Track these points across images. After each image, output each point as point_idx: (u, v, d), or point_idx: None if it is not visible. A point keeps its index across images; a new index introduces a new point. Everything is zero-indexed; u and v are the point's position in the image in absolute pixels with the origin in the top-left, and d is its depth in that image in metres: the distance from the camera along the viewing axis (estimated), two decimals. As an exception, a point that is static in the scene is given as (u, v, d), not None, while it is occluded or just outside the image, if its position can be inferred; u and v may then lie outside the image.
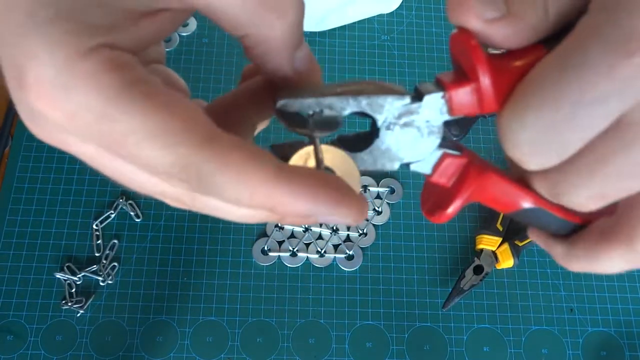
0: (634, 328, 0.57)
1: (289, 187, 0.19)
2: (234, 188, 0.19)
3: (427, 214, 0.24)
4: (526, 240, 0.58)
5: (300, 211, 0.19)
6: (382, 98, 0.21)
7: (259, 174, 0.19)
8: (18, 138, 0.61)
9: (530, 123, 0.18)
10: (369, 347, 0.55)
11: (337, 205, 0.19)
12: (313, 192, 0.19)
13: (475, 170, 0.23)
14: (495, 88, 0.20)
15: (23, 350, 0.53)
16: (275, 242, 0.58)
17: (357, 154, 0.22)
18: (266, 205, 0.19)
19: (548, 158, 0.19)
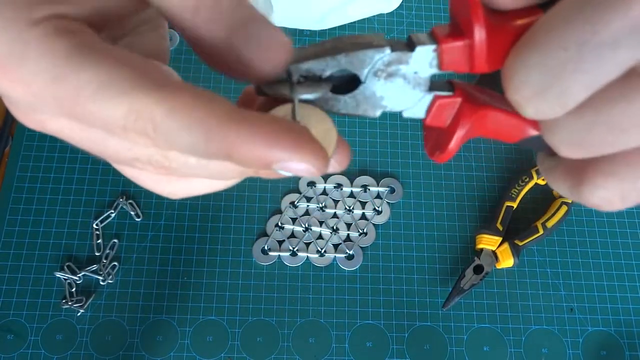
0: (634, 328, 0.57)
1: (245, 128, 0.18)
2: (188, 132, 0.18)
3: (430, 154, 0.24)
4: (526, 240, 0.58)
5: (258, 154, 0.18)
6: (362, 53, 0.21)
7: (211, 114, 0.18)
8: (18, 138, 0.61)
9: (534, 62, 0.18)
10: (369, 346, 0.55)
11: (295, 150, 0.18)
12: (270, 134, 0.18)
13: (470, 108, 0.22)
14: (488, 46, 0.19)
15: (23, 349, 0.53)
16: (275, 242, 0.58)
17: (340, 96, 0.22)
18: (223, 150, 0.18)
19: (550, 105, 0.18)
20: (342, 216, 0.60)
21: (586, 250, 0.60)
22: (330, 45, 0.21)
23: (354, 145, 0.63)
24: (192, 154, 0.19)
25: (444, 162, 0.23)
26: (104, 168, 0.60)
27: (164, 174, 0.21)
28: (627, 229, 0.61)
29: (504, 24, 0.19)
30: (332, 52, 0.21)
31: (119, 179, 0.60)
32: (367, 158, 0.63)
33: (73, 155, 0.61)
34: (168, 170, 0.21)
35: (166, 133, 0.18)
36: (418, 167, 0.62)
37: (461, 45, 0.20)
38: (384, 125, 0.64)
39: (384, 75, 0.21)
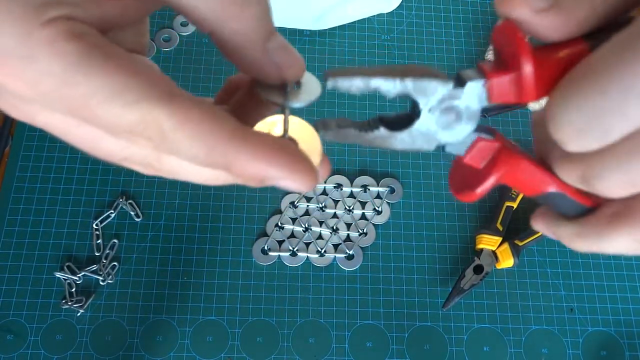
0: (634, 328, 0.57)
1: (245, 147, 0.19)
2: (193, 144, 0.19)
3: (456, 192, 0.25)
4: (526, 240, 0.58)
5: (254, 172, 0.20)
6: (427, 82, 0.22)
7: (216, 131, 0.19)
8: (18, 138, 0.61)
9: (576, 105, 0.18)
10: (369, 346, 0.55)
11: (288, 170, 0.20)
12: (268, 155, 0.20)
13: (506, 155, 0.23)
14: (536, 78, 0.20)
15: (23, 349, 0.53)
16: (275, 242, 0.58)
17: (397, 133, 0.23)
18: (222, 163, 0.20)
19: (590, 142, 0.19)
20: (342, 216, 0.60)
21: (586, 250, 0.60)
22: (400, 69, 0.22)
23: (354, 145, 0.63)
24: (192, 162, 0.20)
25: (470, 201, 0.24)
26: (104, 168, 0.60)
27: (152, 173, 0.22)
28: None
29: (549, 55, 0.20)
30: (401, 75, 0.22)
31: (119, 179, 0.60)
32: (367, 158, 0.63)
33: (73, 155, 0.61)
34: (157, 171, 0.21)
35: (172, 142, 0.19)
36: (418, 167, 0.62)
37: (509, 78, 0.21)
38: (384, 125, 0.64)
39: (439, 111, 0.23)
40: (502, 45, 0.22)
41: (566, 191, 0.23)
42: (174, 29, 0.67)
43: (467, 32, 0.70)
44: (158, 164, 0.21)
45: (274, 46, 0.22)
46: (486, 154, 0.24)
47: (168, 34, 0.67)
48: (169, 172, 0.22)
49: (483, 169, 0.24)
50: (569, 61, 0.20)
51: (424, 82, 0.22)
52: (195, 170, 0.21)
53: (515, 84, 0.21)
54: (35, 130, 0.61)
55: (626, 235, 0.22)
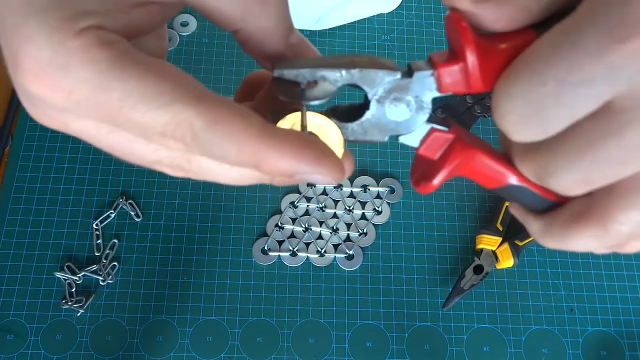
0: (634, 328, 0.57)
1: (274, 144, 0.20)
2: (223, 143, 0.20)
3: (414, 184, 0.25)
4: (526, 240, 0.58)
5: (284, 168, 0.20)
6: (374, 72, 0.22)
7: (245, 130, 0.20)
8: (18, 138, 0.61)
9: (517, 94, 0.19)
10: (369, 346, 0.55)
11: (318, 164, 0.21)
12: (296, 150, 0.20)
13: (460, 146, 0.24)
14: (481, 68, 0.20)
15: (23, 349, 0.53)
16: (275, 242, 0.58)
17: (348, 124, 0.23)
18: (252, 161, 0.20)
19: (532, 131, 0.19)
20: (342, 216, 0.60)
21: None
22: (347, 59, 0.22)
23: (354, 145, 0.63)
24: (222, 162, 0.21)
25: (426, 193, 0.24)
26: (104, 168, 0.60)
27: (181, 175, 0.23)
28: (627, 229, 0.61)
29: (496, 44, 0.20)
30: (348, 65, 0.22)
31: (119, 179, 0.60)
32: (367, 158, 0.63)
33: (73, 155, 0.61)
34: (186, 172, 0.22)
35: (203, 142, 0.20)
36: (418, 167, 0.62)
37: (456, 69, 0.21)
38: (384, 125, 0.64)
39: (388, 101, 0.23)
40: (450, 35, 0.22)
41: (528, 185, 0.23)
42: (174, 29, 0.67)
43: (467, 32, 0.70)
44: (188, 165, 0.22)
45: (295, 41, 0.23)
46: (440, 145, 0.24)
47: (168, 34, 0.67)
48: (198, 173, 0.22)
49: (438, 160, 0.24)
50: (516, 51, 0.20)
51: (370, 72, 0.22)
52: (224, 170, 0.22)
53: (462, 74, 0.21)
54: (36, 130, 0.61)
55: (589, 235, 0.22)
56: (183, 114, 0.19)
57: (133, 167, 0.61)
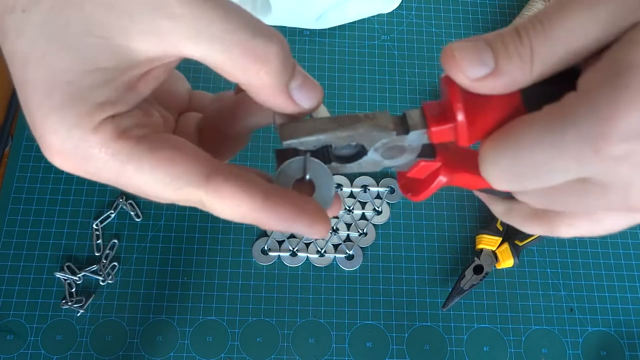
0: (634, 328, 0.57)
1: (273, 215, 0.24)
2: (229, 214, 0.24)
3: (402, 190, 0.29)
4: (526, 240, 0.58)
5: (280, 229, 0.24)
6: (373, 134, 0.25)
7: (248, 205, 0.23)
8: (18, 138, 0.61)
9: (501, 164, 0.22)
10: (369, 346, 0.55)
11: (309, 228, 0.24)
12: (292, 218, 0.24)
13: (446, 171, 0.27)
14: (469, 129, 0.23)
15: (23, 349, 0.53)
16: (275, 242, 0.58)
17: (347, 165, 0.26)
18: (254, 223, 0.24)
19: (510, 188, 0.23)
20: (342, 216, 0.60)
21: (586, 250, 0.60)
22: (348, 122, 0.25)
23: (354, 145, 0.63)
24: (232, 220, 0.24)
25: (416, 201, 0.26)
26: (103, 168, 0.60)
27: None
28: (627, 229, 0.61)
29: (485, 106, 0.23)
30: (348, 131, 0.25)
31: (119, 179, 0.60)
32: (367, 158, 0.63)
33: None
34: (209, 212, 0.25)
35: (212, 210, 0.24)
36: (418, 167, 0.62)
37: (447, 128, 0.24)
38: (384, 126, 0.64)
39: (383, 149, 0.26)
40: (443, 90, 0.24)
41: None
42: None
43: (467, 32, 0.70)
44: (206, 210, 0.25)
45: (295, 86, 0.24)
46: (427, 170, 0.27)
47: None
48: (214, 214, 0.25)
49: (426, 179, 0.27)
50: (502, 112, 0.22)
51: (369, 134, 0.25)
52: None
53: (452, 131, 0.24)
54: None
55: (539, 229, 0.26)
56: (192, 194, 0.23)
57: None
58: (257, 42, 0.22)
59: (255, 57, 0.22)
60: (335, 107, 0.65)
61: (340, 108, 0.65)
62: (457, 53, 0.21)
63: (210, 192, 0.23)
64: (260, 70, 0.23)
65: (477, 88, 0.22)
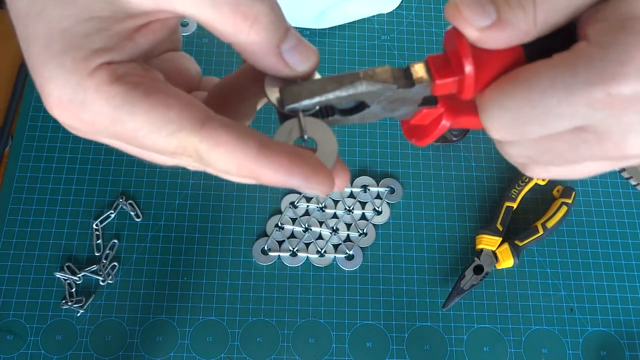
0: (634, 328, 0.57)
1: (268, 163, 0.23)
2: (224, 163, 0.23)
3: (407, 136, 0.29)
4: (526, 240, 0.58)
5: (278, 182, 0.23)
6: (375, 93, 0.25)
7: (243, 151, 0.23)
8: (18, 138, 0.61)
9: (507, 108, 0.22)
10: (369, 346, 0.55)
11: (309, 180, 0.24)
12: (289, 168, 0.23)
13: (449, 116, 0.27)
14: (475, 83, 0.23)
15: (23, 349, 0.53)
16: (275, 242, 0.58)
17: (349, 117, 0.26)
18: (250, 176, 0.23)
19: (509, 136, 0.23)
20: (342, 216, 0.60)
21: (586, 250, 0.60)
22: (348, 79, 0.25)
23: (354, 145, 0.63)
24: (226, 174, 0.24)
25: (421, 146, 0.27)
26: (104, 168, 0.60)
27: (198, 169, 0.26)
28: (627, 229, 0.61)
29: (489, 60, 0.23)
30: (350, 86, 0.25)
31: (119, 179, 0.60)
32: (367, 158, 0.63)
33: (73, 155, 0.61)
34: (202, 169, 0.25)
35: (207, 160, 0.23)
36: (418, 167, 0.62)
37: (452, 80, 0.24)
38: (384, 125, 0.64)
39: (386, 101, 0.26)
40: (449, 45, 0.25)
41: None
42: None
43: (467, 32, 0.70)
44: (204, 168, 0.25)
45: (287, 47, 0.24)
46: (430, 117, 0.27)
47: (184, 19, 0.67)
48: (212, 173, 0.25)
49: (430, 124, 0.27)
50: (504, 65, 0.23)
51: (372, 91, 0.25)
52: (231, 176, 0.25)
53: (457, 84, 0.24)
54: (36, 130, 0.61)
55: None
56: (188, 139, 0.23)
57: (133, 167, 0.61)
58: (246, 1, 0.23)
59: (244, 15, 0.23)
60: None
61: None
62: (460, 6, 0.22)
63: (205, 138, 0.23)
64: (250, 28, 0.23)
65: (483, 40, 0.22)
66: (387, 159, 0.63)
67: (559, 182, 0.63)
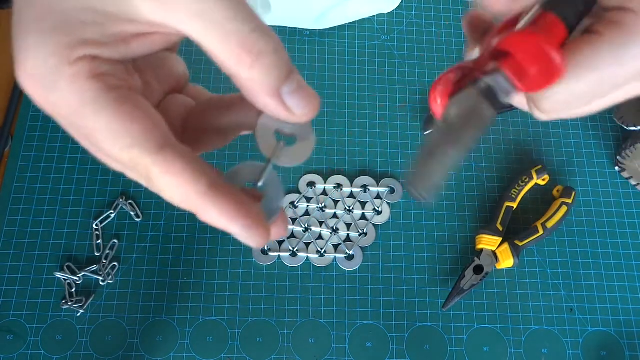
0: (634, 328, 0.57)
1: (214, 205, 0.23)
2: (170, 192, 0.23)
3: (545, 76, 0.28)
4: (526, 240, 0.58)
5: (217, 224, 0.24)
6: None
7: (192, 186, 0.23)
8: (18, 138, 0.61)
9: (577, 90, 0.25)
10: (369, 346, 0.55)
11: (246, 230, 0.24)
12: (232, 215, 0.24)
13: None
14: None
15: (23, 349, 0.53)
16: (275, 242, 0.58)
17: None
18: (193, 210, 0.24)
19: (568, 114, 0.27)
20: (342, 216, 0.60)
21: (586, 250, 0.60)
22: None
23: (354, 145, 0.63)
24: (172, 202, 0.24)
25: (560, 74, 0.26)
26: (103, 168, 0.60)
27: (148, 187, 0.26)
28: (627, 229, 0.61)
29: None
30: None
31: (119, 179, 0.60)
32: (367, 158, 0.63)
33: (73, 155, 0.61)
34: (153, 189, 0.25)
35: (156, 184, 0.23)
36: (418, 167, 0.62)
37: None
38: (384, 126, 0.64)
39: None
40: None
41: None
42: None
43: (467, 32, 0.70)
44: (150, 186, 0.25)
45: (288, 90, 0.24)
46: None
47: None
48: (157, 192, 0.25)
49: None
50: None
51: None
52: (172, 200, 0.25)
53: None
54: (36, 130, 0.61)
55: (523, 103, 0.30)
56: (142, 158, 0.22)
57: (133, 167, 0.61)
58: (254, 36, 0.23)
59: (250, 49, 0.22)
60: (335, 107, 0.64)
61: (340, 108, 0.65)
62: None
63: (158, 162, 0.22)
64: (252, 64, 0.23)
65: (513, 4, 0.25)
66: (387, 159, 0.63)
67: (559, 182, 0.63)
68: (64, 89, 0.22)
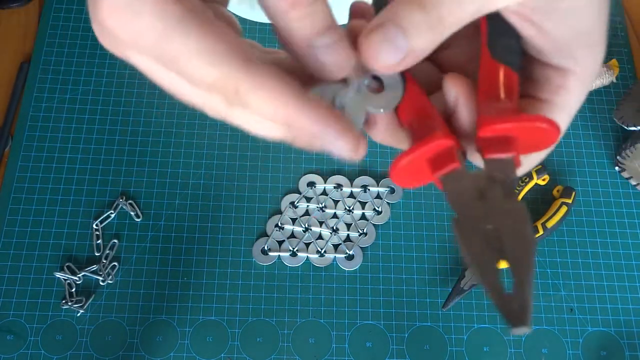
0: (634, 328, 0.57)
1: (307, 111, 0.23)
2: (262, 103, 0.23)
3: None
4: (526, 240, 0.58)
5: (313, 131, 0.23)
6: None
7: (283, 95, 0.22)
8: (18, 138, 0.61)
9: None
10: (369, 346, 0.55)
11: (341, 136, 0.24)
12: (325, 119, 0.23)
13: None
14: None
15: (23, 349, 0.53)
16: (275, 242, 0.58)
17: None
18: (284, 121, 0.23)
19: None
20: (342, 216, 0.60)
21: (586, 250, 0.60)
22: None
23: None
24: (259, 116, 0.23)
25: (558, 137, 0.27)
26: (104, 168, 0.60)
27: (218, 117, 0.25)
28: (627, 229, 0.61)
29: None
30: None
31: (119, 179, 0.60)
32: (367, 158, 0.63)
33: (73, 155, 0.61)
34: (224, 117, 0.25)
35: (245, 100, 0.23)
36: (418, 167, 0.62)
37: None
38: (384, 126, 0.64)
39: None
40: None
41: None
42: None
43: (467, 32, 0.70)
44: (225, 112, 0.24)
45: (321, 44, 0.24)
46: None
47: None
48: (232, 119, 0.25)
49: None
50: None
51: None
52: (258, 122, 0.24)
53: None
54: (36, 130, 0.61)
55: None
56: (230, 73, 0.22)
57: (133, 167, 0.61)
58: None
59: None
60: (335, 107, 0.64)
61: (340, 108, 0.65)
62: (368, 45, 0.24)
63: (248, 75, 0.22)
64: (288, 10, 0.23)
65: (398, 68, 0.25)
66: (387, 159, 0.63)
67: (558, 182, 0.63)
68: (150, 14, 0.22)
